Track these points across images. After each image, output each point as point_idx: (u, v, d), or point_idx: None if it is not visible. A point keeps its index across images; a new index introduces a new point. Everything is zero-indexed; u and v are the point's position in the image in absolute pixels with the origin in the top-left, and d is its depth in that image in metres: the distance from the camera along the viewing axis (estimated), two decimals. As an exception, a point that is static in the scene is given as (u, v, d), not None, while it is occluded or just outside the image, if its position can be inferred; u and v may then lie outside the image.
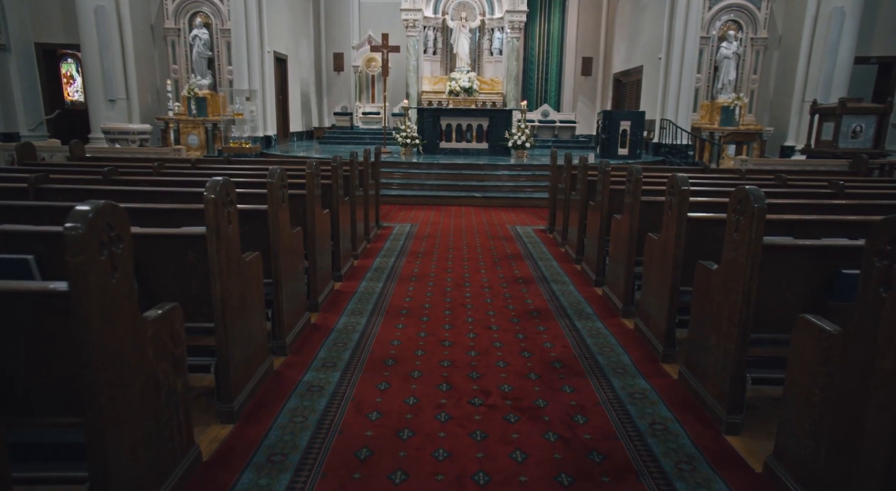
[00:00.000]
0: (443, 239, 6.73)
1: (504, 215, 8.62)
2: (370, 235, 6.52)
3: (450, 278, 5.02)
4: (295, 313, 3.52)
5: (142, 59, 13.12)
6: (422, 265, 5.46)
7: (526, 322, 3.93)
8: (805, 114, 12.56)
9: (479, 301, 4.37)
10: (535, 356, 3.34)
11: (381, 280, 4.93)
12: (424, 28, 16.48)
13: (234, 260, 2.56)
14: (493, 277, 5.08)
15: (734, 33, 13.23)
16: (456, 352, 3.38)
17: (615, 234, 4.35)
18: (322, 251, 4.25)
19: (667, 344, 3.27)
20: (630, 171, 3.93)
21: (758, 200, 2.35)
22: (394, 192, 9.89)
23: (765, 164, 10.00)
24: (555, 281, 4.99)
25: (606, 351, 3.43)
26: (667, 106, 12.95)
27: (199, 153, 13.37)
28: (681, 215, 3.09)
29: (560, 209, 6.71)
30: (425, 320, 3.92)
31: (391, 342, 3.51)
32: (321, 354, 3.31)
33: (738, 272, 2.46)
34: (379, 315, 4.00)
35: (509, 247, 6.38)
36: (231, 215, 2.52)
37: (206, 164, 6.54)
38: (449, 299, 4.41)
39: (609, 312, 4.18)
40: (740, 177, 6.15)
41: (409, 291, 4.60)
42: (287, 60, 15.45)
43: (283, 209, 3.24)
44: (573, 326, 3.87)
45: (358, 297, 4.43)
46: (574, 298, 4.50)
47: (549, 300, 4.45)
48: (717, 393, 2.61)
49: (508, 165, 10.75)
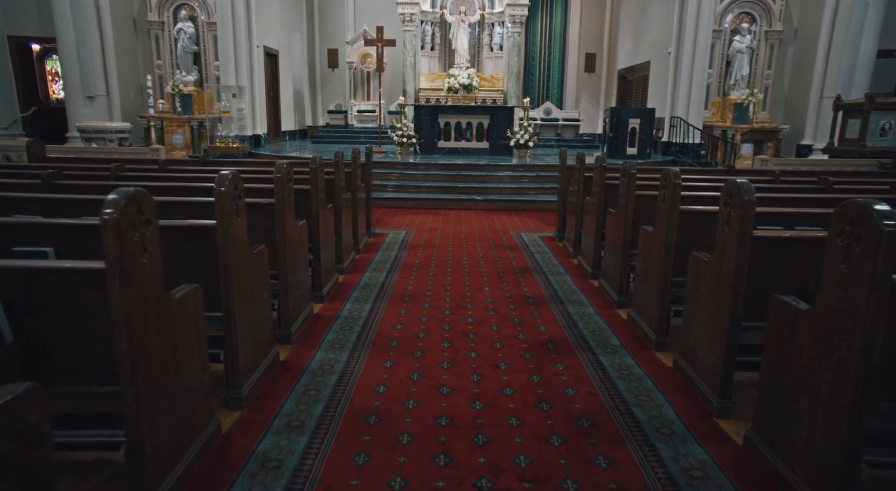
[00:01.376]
0: (441, 248, 6.05)
1: (507, 220, 7.95)
2: (360, 245, 5.84)
3: (449, 298, 4.34)
4: (255, 355, 2.84)
5: (123, 53, 12.42)
6: (417, 281, 4.78)
7: (541, 358, 3.25)
8: (823, 111, 11.91)
9: (483, 329, 3.69)
10: (556, 409, 2.66)
11: (370, 301, 4.24)
12: (422, 23, 15.79)
13: (154, 303, 1.88)
14: (499, 297, 4.40)
15: (747, 26, 12.56)
16: (456, 403, 2.70)
17: (644, 248, 3.68)
18: (297, 269, 3.57)
19: (722, 395, 2.59)
20: (666, 175, 3.25)
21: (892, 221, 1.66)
22: (388, 194, 9.22)
23: (786, 164, 9.32)
24: (570, 302, 4.31)
25: (644, 402, 2.75)
26: (677, 103, 12.27)
27: (185, 153, 12.70)
28: (743, 234, 2.41)
29: (571, 214, 6.03)
30: (419, 356, 3.23)
31: (376, 389, 2.83)
32: (286, 409, 2.63)
33: (844, 316, 1.78)
34: (363, 349, 3.32)
35: (515, 258, 5.70)
36: (148, 239, 1.84)
37: (177, 166, 5.85)
38: (448, 326, 3.73)
39: (638, 343, 3.50)
40: (774, 179, 5.47)
41: (401, 316, 3.91)
42: (278, 56, 14.75)
43: (238, 224, 2.56)
44: (598, 363, 3.19)
45: (340, 324, 3.74)
46: (595, 324, 3.82)
47: (567, 327, 3.77)
48: (809, 479, 1.94)
49: (510, 166, 10.07)
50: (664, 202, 3.30)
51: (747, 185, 2.40)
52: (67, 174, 4.45)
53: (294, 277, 3.49)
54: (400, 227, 7.32)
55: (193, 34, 12.56)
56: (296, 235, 3.54)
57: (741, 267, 2.43)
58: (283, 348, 3.30)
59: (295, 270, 3.51)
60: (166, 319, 1.97)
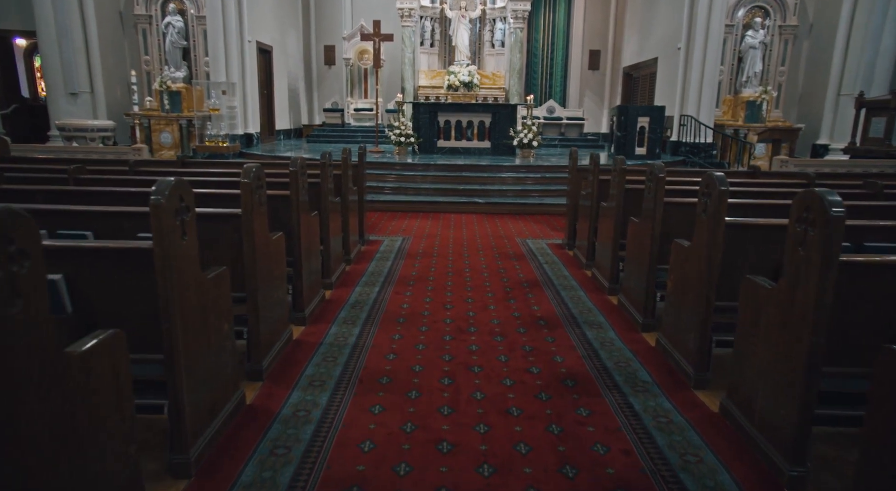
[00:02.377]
0: (440, 258, 5.52)
1: (511, 225, 7.42)
2: (351, 255, 5.31)
3: (449, 319, 3.81)
4: (212, 405, 2.31)
5: (109, 48, 11.88)
6: (413, 298, 4.25)
7: (560, 399, 2.72)
8: (841, 109, 11.39)
9: (489, 360, 3.16)
10: (583, 474, 2.13)
11: (359, 323, 3.71)
12: (421, 18, 15.27)
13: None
14: (507, 317, 3.87)
15: (760, 21, 12.04)
16: (459, 466, 2.17)
17: (678, 265, 3.14)
18: (270, 289, 3.04)
19: (795, 459, 2.06)
20: (709, 180, 2.71)
21: None
22: (385, 197, 8.68)
23: (806, 164, 8.80)
24: (588, 323, 3.78)
25: (693, 464, 2.21)
26: (687, 101, 11.73)
27: (173, 153, 12.17)
28: (828, 259, 1.88)
29: (583, 218, 5.50)
30: (414, 398, 2.70)
31: (360, 446, 2.29)
32: (245, 477, 2.10)
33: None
34: (347, 389, 2.79)
35: (522, 269, 5.17)
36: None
37: (150, 167, 5.32)
38: (448, 356, 3.20)
39: (672, 378, 2.97)
40: (809, 183, 4.95)
41: (395, 343, 3.38)
42: (272, 52, 14.21)
43: (186, 246, 2.03)
44: (629, 407, 2.66)
45: (322, 353, 3.21)
46: (619, 354, 3.29)
47: (586, 357, 3.24)
48: None
49: (513, 166, 9.54)
50: (706, 213, 2.77)
51: (834, 198, 1.87)
52: (16, 178, 3.92)
53: (267, 300, 2.96)
54: (396, 233, 6.79)
55: (182, 28, 12.03)
56: (270, 250, 3.01)
57: (823, 301, 1.90)
58: (250, 389, 2.77)
59: (268, 291, 2.98)
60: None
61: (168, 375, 2.00)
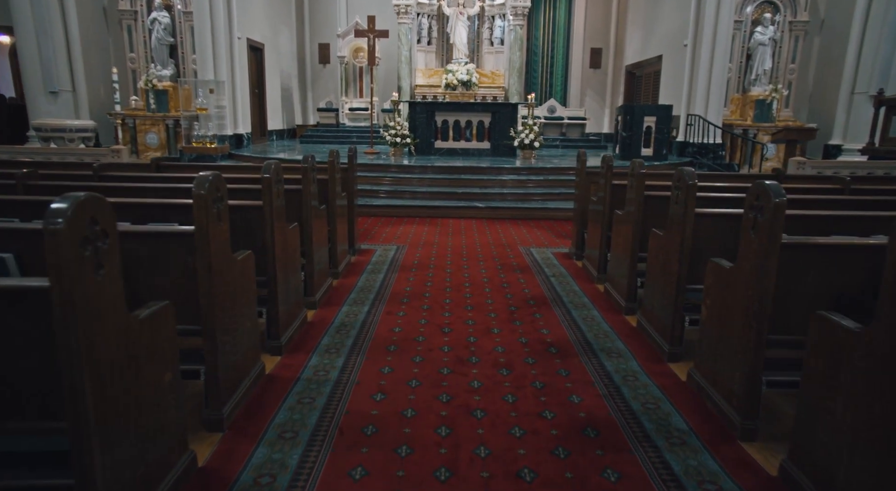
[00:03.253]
0: (437, 270, 5.04)
1: (513, 231, 6.94)
2: (339, 268, 4.82)
3: (447, 346, 3.33)
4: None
5: (92, 45, 11.39)
6: (407, 319, 3.78)
7: (581, 457, 2.24)
8: (855, 107, 10.94)
9: (494, 401, 2.68)
10: (619, 573, 1.66)
11: (343, 353, 3.23)
12: (418, 15, 14.79)
13: None
14: (512, 344, 3.39)
15: (770, 16, 11.59)
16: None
17: (716, 288, 2.67)
18: (235, 320, 2.56)
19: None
20: (762, 191, 2.23)
21: None
22: (380, 201, 8.21)
23: (823, 167, 8.34)
24: (606, 352, 3.30)
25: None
26: (694, 100, 11.28)
27: (160, 154, 11.68)
28: None
29: (593, 225, 5.04)
30: (404, 457, 2.22)
31: (334, 529, 1.82)
32: None
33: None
34: (324, 444, 2.30)
35: (527, 283, 4.70)
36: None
37: (117, 172, 4.83)
38: (446, 397, 2.72)
39: (714, 426, 2.49)
40: (845, 188, 4.48)
41: (384, 378, 2.90)
42: (264, 50, 13.73)
43: (101, 283, 1.54)
44: (666, 467, 2.18)
45: (298, 394, 2.73)
46: (645, 392, 2.81)
47: (608, 396, 2.76)
48: None
49: (514, 168, 9.07)
50: (755, 230, 2.29)
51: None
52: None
53: (229, 334, 2.48)
54: (390, 240, 6.31)
55: (169, 24, 11.55)
56: (234, 273, 2.53)
57: None
58: (206, 444, 2.29)
59: (230, 322, 2.50)
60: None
61: (80, 449, 1.52)
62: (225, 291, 2.41)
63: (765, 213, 2.23)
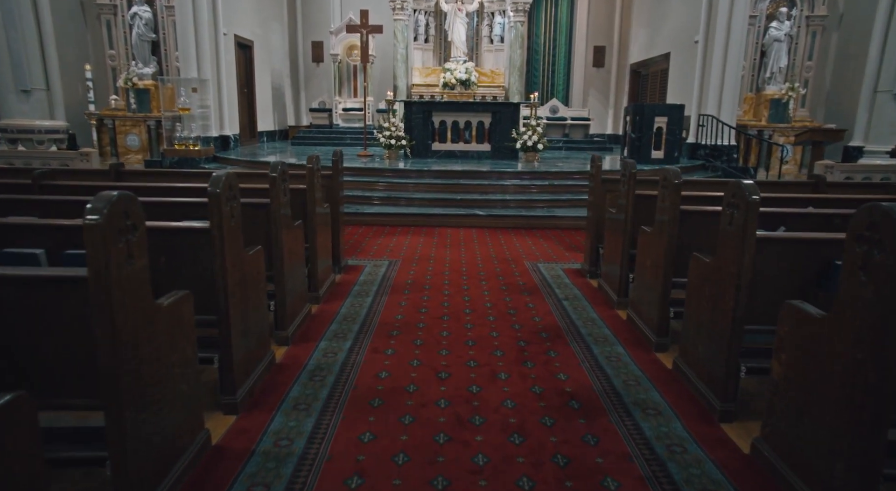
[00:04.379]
0: (434, 291, 4.41)
1: (517, 243, 6.31)
2: (321, 291, 4.18)
3: (444, 400, 2.69)
4: None
5: (68, 41, 10.75)
6: (396, 360, 3.14)
7: None
8: (878, 107, 10.34)
9: (506, 486, 2.05)
10: None
11: (315, 410, 2.58)
12: (415, 11, 14.21)
13: None
14: (524, 397, 2.75)
15: (786, 11, 10.98)
16: None
17: (794, 337, 2.04)
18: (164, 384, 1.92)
19: None
20: (876, 216, 1.61)
21: None
22: (373, 209, 7.57)
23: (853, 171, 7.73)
24: (641, 407, 2.66)
25: None
26: (706, 99, 10.66)
27: (141, 157, 11.04)
28: None
29: (611, 239, 4.41)
30: None
31: None
32: None
33: None
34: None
35: (537, 308, 4.07)
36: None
37: (64, 181, 4.18)
38: (442, 481, 2.08)
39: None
40: (905, 200, 3.85)
41: (363, 451, 2.26)
42: (253, 47, 13.08)
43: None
44: None
45: (250, 476, 2.09)
46: (699, 470, 2.18)
47: (652, 478, 2.12)
48: None
49: (517, 173, 8.43)
50: (867, 274, 1.66)
51: None
52: None
53: (158, 394, 1.84)
54: (382, 254, 5.67)
55: (150, 20, 10.92)
56: (160, 324, 1.89)
57: None
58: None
59: (163, 385, 1.86)
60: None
61: None
62: (160, 335, 1.77)
63: (886, 252, 1.59)
